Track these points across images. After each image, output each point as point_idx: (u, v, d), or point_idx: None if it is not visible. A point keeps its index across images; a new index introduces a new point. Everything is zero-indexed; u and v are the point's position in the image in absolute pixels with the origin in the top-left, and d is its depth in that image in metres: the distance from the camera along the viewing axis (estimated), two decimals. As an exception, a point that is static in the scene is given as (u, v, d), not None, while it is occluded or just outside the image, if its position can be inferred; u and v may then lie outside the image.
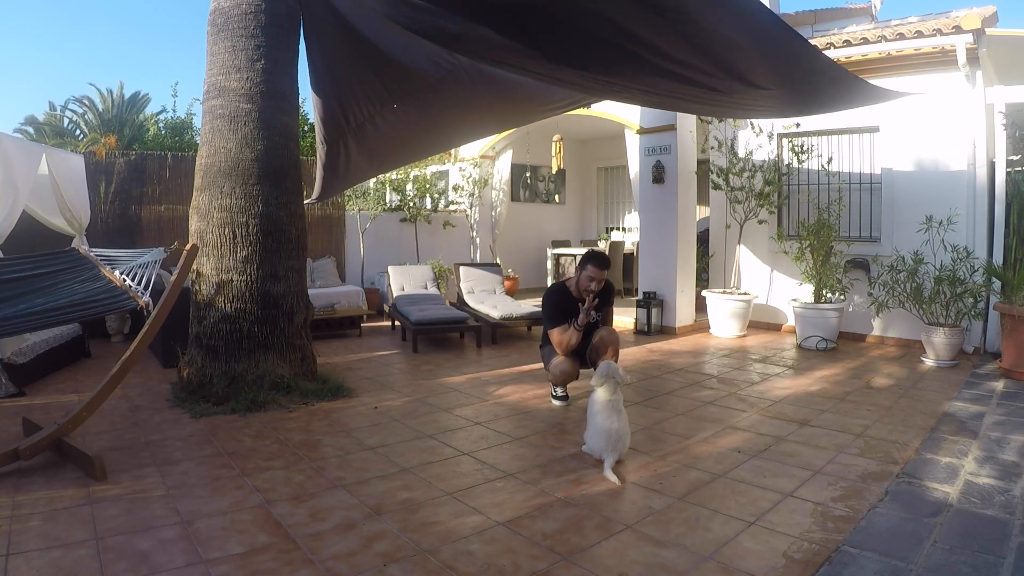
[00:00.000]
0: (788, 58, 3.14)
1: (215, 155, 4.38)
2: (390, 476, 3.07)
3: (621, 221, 11.98)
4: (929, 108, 6.14)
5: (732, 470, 3.13)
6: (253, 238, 4.35)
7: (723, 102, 3.97)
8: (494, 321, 6.64)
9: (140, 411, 4.13)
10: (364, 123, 5.14)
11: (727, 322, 7.00)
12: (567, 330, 4.15)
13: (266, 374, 4.31)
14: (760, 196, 6.89)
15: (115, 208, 7.26)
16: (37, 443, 3.07)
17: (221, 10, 4.39)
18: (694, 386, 4.85)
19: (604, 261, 4.14)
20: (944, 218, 5.79)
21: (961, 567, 2.17)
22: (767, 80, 3.35)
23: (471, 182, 9.90)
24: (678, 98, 4.01)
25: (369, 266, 8.89)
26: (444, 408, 4.27)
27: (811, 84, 3.59)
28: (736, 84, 3.33)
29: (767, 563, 2.23)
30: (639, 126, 7.48)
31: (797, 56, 3.11)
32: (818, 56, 3.15)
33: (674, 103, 4.46)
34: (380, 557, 2.28)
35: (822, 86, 3.63)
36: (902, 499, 2.75)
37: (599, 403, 3.24)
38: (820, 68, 3.26)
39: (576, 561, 2.26)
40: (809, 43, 3.11)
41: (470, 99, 5.07)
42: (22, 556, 2.25)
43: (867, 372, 5.30)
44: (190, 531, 2.47)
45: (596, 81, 3.73)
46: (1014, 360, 4.93)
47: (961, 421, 3.88)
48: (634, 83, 3.62)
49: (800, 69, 3.31)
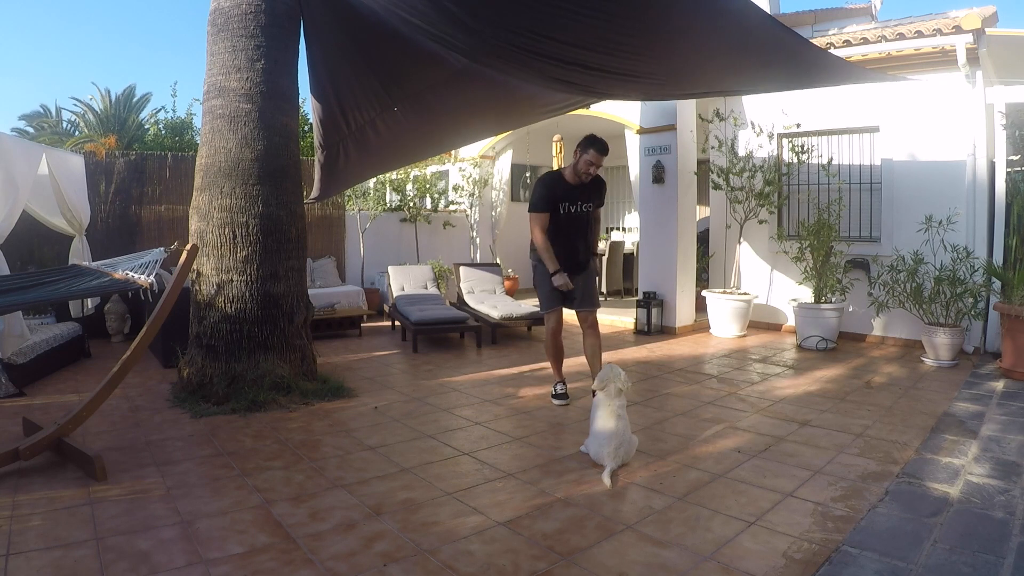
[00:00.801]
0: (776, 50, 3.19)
1: (215, 155, 4.38)
2: (390, 476, 3.07)
3: (621, 221, 11.98)
4: (929, 108, 6.15)
5: (732, 470, 3.13)
6: (253, 238, 4.35)
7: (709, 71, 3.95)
8: (494, 321, 6.64)
9: (140, 411, 4.14)
10: (364, 126, 5.14)
11: (727, 322, 7.00)
12: (547, 243, 4.09)
13: (266, 374, 4.31)
14: (760, 196, 6.89)
15: (115, 208, 7.26)
16: (37, 443, 3.08)
17: (221, 10, 4.39)
18: (694, 386, 4.85)
19: (605, 146, 4.05)
20: (944, 218, 5.79)
21: (961, 567, 2.17)
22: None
23: (471, 182, 9.90)
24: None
25: (369, 266, 8.90)
26: (444, 408, 4.27)
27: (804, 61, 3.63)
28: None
29: (767, 563, 2.23)
30: (639, 126, 7.49)
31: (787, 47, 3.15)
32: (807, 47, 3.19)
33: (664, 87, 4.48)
34: (380, 557, 2.28)
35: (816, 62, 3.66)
36: (902, 499, 2.75)
37: (600, 408, 3.24)
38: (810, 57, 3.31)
39: (576, 561, 2.26)
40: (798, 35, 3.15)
41: (471, 100, 5.07)
42: (22, 556, 2.25)
43: (867, 372, 5.30)
44: (190, 531, 2.47)
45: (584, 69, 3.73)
46: (1014, 360, 4.93)
47: (961, 421, 3.88)
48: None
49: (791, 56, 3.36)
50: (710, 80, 4.16)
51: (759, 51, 3.37)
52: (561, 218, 4.15)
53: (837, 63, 3.75)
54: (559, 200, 4.13)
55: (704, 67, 3.77)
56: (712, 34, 3.19)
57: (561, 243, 4.16)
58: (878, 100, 6.40)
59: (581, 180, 4.13)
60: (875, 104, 6.43)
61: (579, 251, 4.25)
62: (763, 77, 4.16)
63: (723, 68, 3.78)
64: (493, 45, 3.55)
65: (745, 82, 4.43)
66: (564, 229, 4.17)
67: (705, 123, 7.51)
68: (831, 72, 3.90)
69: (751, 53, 3.42)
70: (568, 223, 4.18)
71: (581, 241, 4.26)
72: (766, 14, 2.97)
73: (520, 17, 3.05)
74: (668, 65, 3.69)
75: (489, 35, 3.39)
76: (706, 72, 3.89)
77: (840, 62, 3.82)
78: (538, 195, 4.17)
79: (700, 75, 4.01)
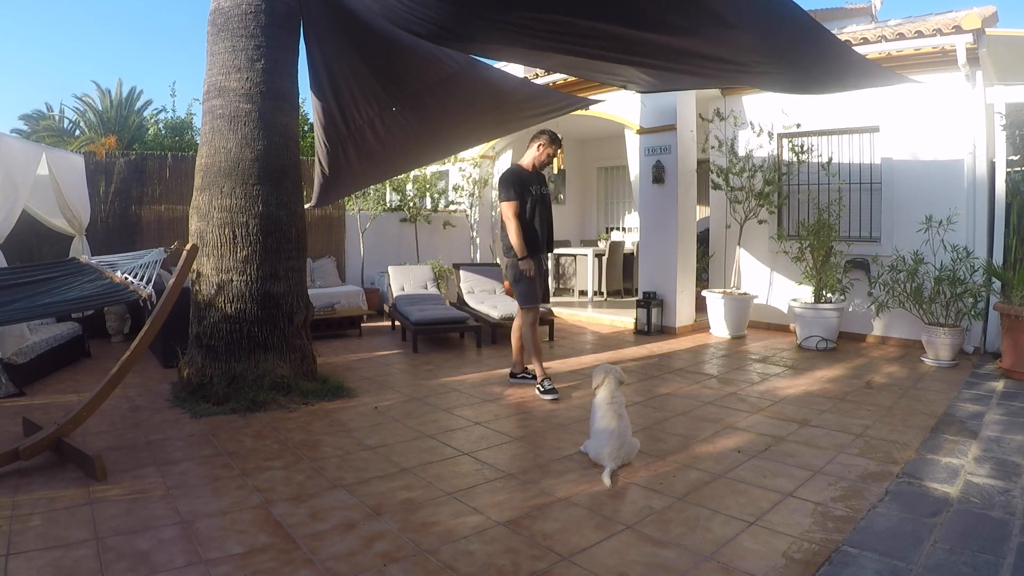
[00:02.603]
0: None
1: (215, 155, 4.38)
2: (390, 476, 3.07)
3: (621, 221, 11.97)
4: (929, 108, 6.15)
5: (732, 470, 3.13)
6: (253, 238, 4.35)
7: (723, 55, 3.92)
8: (494, 321, 6.63)
9: (140, 411, 4.13)
10: (363, 127, 5.13)
11: (727, 322, 7.00)
12: (519, 229, 4.54)
13: (266, 374, 4.31)
14: (760, 196, 6.89)
15: (115, 208, 7.26)
16: (37, 443, 3.07)
17: (221, 10, 4.39)
18: (694, 386, 4.85)
19: (556, 138, 4.76)
20: (944, 218, 5.79)
21: (961, 567, 2.17)
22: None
23: (471, 182, 9.90)
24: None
25: (369, 266, 8.89)
26: (444, 408, 4.27)
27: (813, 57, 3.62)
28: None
29: (767, 563, 2.23)
30: (639, 126, 7.48)
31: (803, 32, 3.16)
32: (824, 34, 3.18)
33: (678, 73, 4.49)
34: (380, 557, 2.28)
35: (825, 60, 3.65)
36: (902, 499, 2.75)
37: (600, 408, 3.24)
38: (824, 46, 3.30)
39: (576, 561, 2.26)
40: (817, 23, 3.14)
41: (469, 102, 5.08)
42: (22, 556, 2.25)
43: (867, 372, 5.30)
44: (190, 531, 2.47)
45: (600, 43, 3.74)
46: (1014, 360, 4.93)
47: (961, 421, 3.88)
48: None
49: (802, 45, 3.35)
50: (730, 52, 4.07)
51: (783, 38, 3.36)
52: (529, 203, 4.64)
53: (855, 58, 3.72)
54: (524, 186, 4.64)
55: (726, 41, 3.70)
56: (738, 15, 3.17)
57: (534, 227, 4.65)
58: (878, 100, 6.40)
59: (536, 169, 4.76)
60: (875, 104, 6.43)
61: (548, 232, 4.79)
62: (783, 64, 4.09)
63: (744, 47, 3.71)
64: (490, 21, 3.59)
65: (763, 66, 4.34)
66: (534, 212, 4.66)
67: (705, 123, 7.51)
68: (846, 71, 3.88)
69: (773, 38, 3.41)
70: (536, 205, 4.68)
71: (546, 224, 4.77)
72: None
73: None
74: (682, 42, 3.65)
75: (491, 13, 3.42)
76: (726, 46, 3.81)
77: (858, 56, 3.79)
78: (509, 184, 4.63)
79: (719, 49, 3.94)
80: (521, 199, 4.59)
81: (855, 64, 3.82)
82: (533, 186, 4.66)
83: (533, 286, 4.63)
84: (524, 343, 4.76)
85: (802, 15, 3.02)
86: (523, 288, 4.64)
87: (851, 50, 3.58)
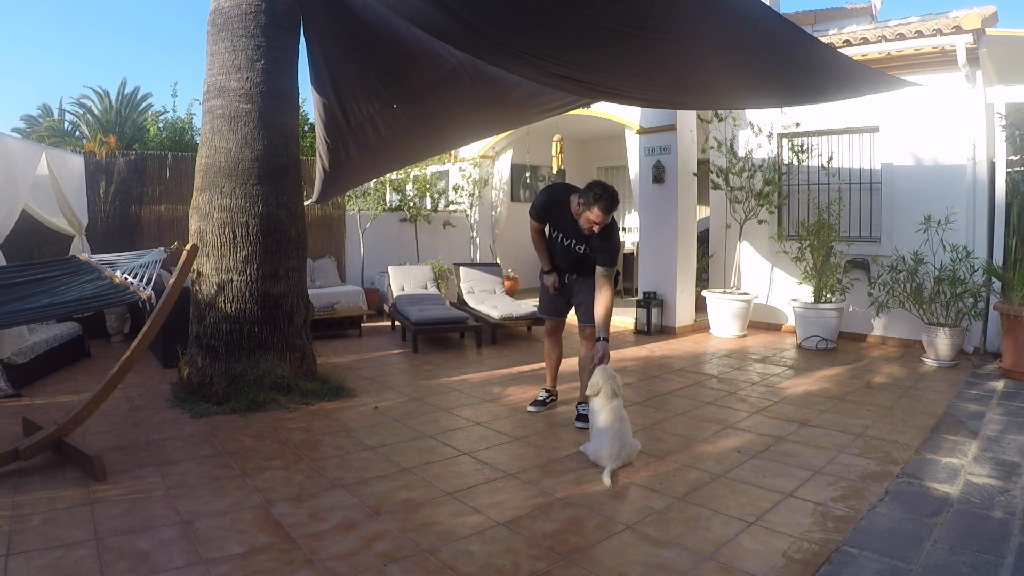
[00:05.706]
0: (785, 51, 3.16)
1: (215, 155, 4.38)
2: (390, 476, 3.07)
3: (621, 221, 11.96)
4: (929, 108, 6.15)
5: (732, 470, 3.13)
6: (253, 238, 4.35)
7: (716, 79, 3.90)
8: (494, 321, 6.64)
9: (140, 411, 4.13)
10: (363, 123, 5.14)
11: (727, 322, 7.00)
12: (540, 242, 4.00)
13: (266, 374, 4.31)
14: (760, 196, 6.89)
15: (115, 208, 7.25)
16: (37, 443, 3.07)
17: (221, 10, 4.39)
18: (694, 386, 4.85)
19: (614, 203, 3.62)
20: (943, 218, 5.80)
21: (961, 567, 2.17)
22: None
23: (471, 182, 9.90)
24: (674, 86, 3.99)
25: (369, 266, 8.89)
26: (444, 408, 4.27)
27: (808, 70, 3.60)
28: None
29: (767, 563, 2.23)
30: (639, 126, 7.49)
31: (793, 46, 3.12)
32: (817, 47, 3.16)
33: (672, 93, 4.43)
34: (380, 557, 2.28)
35: (821, 71, 3.62)
36: (902, 499, 2.75)
37: (600, 410, 3.24)
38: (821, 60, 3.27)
39: (576, 561, 2.26)
40: (806, 34, 3.12)
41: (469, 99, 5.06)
42: (22, 556, 2.25)
43: (867, 372, 5.30)
44: (190, 531, 2.47)
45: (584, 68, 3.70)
46: (1014, 360, 4.93)
47: (961, 421, 3.88)
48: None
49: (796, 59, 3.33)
50: (717, 86, 4.09)
51: (769, 54, 3.33)
52: (553, 241, 3.98)
53: (848, 63, 3.68)
54: (554, 223, 3.93)
55: (713, 71, 3.70)
56: (720, 35, 3.16)
57: (554, 262, 4.05)
58: (878, 100, 6.38)
59: (580, 225, 3.76)
60: (875, 104, 6.42)
61: (570, 275, 4.06)
62: (774, 82, 4.07)
63: (733, 69, 3.71)
64: (495, 43, 3.54)
65: (753, 88, 4.33)
66: (555, 253, 4.01)
67: (705, 123, 7.52)
68: (841, 78, 3.84)
69: (761, 56, 3.39)
70: (559, 251, 3.99)
71: (571, 273, 4.05)
72: (774, 11, 2.96)
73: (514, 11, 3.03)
74: (674, 70, 3.64)
75: (491, 34, 3.37)
76: (712, 76, 3.83)
77: (851, 62, 3.75)
78: (539, 202, 3.98)
79: (708, 81, 3.94)
80: (540, 224, 3.99)
81: (848, 74, 3.78)
82: (559, 231, 3.92)
83: (548, 297, 4.18)
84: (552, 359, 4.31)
85: (785, 26, 2.97)
86: (540, 296, 4.31)
87: (844, 57, 3.55)
